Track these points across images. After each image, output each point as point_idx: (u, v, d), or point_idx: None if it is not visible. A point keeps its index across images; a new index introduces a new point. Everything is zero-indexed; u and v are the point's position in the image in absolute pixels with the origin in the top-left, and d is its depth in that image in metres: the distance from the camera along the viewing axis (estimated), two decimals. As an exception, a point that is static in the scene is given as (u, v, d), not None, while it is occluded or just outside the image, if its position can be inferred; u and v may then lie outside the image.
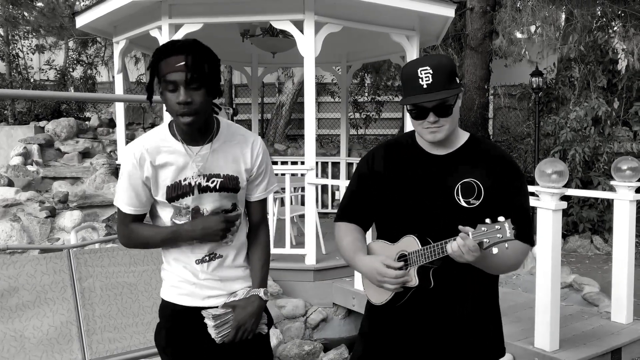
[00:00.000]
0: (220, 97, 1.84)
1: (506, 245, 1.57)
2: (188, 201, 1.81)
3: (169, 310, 1.91)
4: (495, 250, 1.58)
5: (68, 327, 2.89)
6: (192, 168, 1.80)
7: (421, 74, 1.68)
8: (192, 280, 1.87)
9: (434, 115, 1.71)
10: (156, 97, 1.92)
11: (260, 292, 1.91)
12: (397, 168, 1.87)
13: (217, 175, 1.83)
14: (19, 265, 2.86)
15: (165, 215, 1.86)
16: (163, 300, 1.93)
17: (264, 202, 2.01)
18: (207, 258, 1.86)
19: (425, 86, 1.68)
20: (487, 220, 1.58)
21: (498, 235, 1.55)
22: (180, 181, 1.80)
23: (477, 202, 1.76)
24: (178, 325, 1.89)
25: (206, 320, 1.84)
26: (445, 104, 1.71)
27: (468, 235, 1.58)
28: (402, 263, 1.75)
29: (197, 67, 1.66)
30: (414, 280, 1.75)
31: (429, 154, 1.85)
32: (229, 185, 1.85)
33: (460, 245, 1.59)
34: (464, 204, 1.76)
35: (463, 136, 1.86)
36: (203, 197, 1.82)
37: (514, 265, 1.79)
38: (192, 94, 1.67)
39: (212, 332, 1.83)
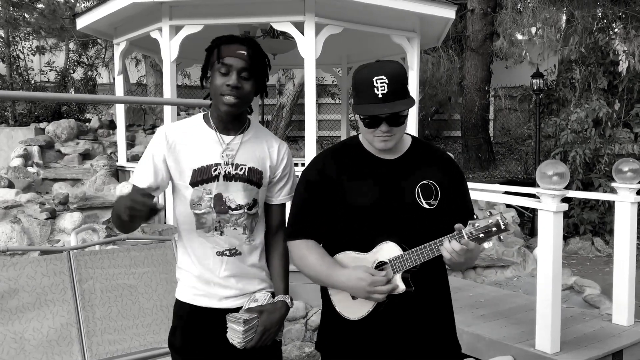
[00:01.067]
0: (266, 96, 1.95)
1: (501, 237, 1.60)
2: (212, 187, 1.84)
3: (184, 311, 1.91)
4: (487, 245, 1.61)
5: (68, 329, 2.88)
6: (222, 156, 1.85)
7: (377, 82, 1.66)
8: (210, 278, 1.88)
9: (387, 125, 1.70)
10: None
11: (288, 299, 1.92)
12: (351, 174, 1.82)
13: (244, 165, 1.88)
14: (19, 267, 2.85)
15: (185, 202, 1.86)
16: (178, 301, 1.93)
17: (284, 207, 2.04)
18: (227, 252, 1.87)
19: (380, 96, 1.65)
20: (476, 216, 1.62)
21: (493, 229, 1.58)
22: (208, 166, 1.84)
23: (436, 203, 1.78)
24: (194, 325, 1.89)
25: (233, 325, 1.80)
26: (399, 114, 1.70)
27: (462, 233, 1.60)
28: (384, 272, 1.73)
29: (255, 60, 1.80)
30: (400, 287, 1.73)
31: (380, 158, 1.83)
32: (254, 177, 1.89)
33: (456, 249, 1.62)
34: (425, 206, 1.78)
35: (407, 139, 1.88)
36: (228, 185, 1.85)
37: (475, 260, 1.84)
38: (241, 82, 1.77)
39: (237, 337, 1.79)
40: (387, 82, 1.65)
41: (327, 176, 1.83)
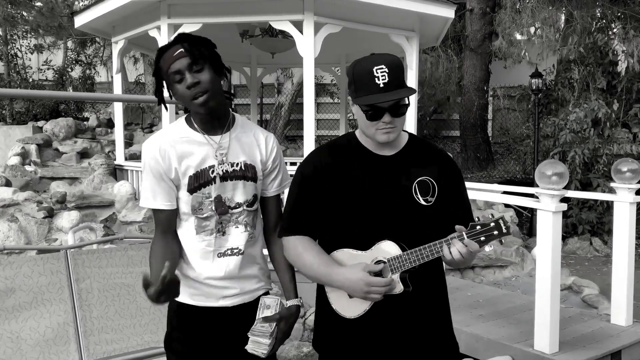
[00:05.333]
0: (227, 78, 1.87)
1: (502, 240, 1.59)
2: (211, 190, 1.82)
3: (182, 311, 1.89)
4: (488, 248, 1.60)
5: (65, 328, 2.87)
6: (215, 156, 1.81)
7: (377, 72, 1.65)
8: (209, 282, 1.86)
9: (390, 115, 1.69)
10: (166, 99, 1.95)
11: (300, 302, 1.94)
12: (347, 170, 1.81)
13: (238, 163, 1.85)
14: (16, 266, 2.84)
15: (183, 208, 1.84)
16: (174, 301, 1.90)
17: (279, 200, 2.02)
18: (229, 252, 1.86)
19: (382, 85, 1.65)
20: (477, 218, 1.60)
21: (494, 232, 1.58)
22: (204, 170, 1.81)
23: (433, 200, 1.78)
24: (192, 325, 1.88)
25: (259, 339, 1.81)
26: (401, 104, 1.70)
27: (463, 235, 1.59)
28: (384, 275, 1.71)
29: (195, 49, 1.72)
30: (398, 287, 1.71)
31: (377, 154, 1.82)
32: (249, 173, 1.87)
33: (461, 252, 1.60)
34: (423, 202, 1.77)
35: (404, 136, 1.87)
36: (225, 185, 1.83)
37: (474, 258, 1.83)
38: (197, 76, 1.72)
39: (262, 348, 1.80)
40: (387, 71, 1.65)
41: (323, 172, 1.82)
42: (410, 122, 6.70)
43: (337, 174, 1.81)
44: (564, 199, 3.77)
